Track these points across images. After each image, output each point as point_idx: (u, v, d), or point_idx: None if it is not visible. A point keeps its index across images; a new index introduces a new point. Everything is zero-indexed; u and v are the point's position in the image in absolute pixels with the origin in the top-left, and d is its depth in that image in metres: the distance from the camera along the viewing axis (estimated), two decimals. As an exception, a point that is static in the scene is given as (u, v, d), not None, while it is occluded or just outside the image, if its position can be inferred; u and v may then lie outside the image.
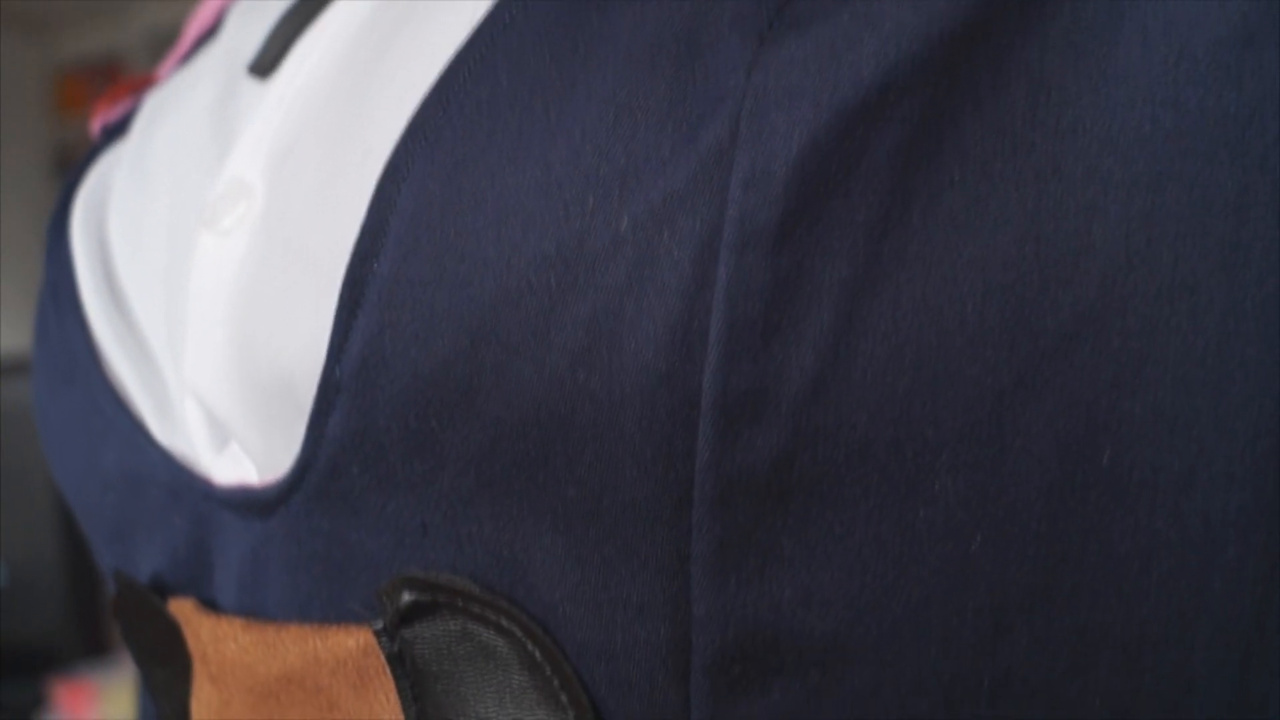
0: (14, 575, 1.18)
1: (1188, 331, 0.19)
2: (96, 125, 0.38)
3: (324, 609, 0.24)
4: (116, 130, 0.36)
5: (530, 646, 0.21)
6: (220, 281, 0.26)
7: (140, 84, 0.38)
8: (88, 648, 1.17)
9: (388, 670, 0.23)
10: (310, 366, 0.23)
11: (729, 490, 0.20)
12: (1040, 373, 0.19)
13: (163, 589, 0.30)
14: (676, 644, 0.21)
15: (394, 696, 0.23)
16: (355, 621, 0.24)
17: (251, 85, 0.30)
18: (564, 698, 0.21)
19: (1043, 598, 0.20)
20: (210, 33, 0.37)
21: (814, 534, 0.20)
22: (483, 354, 0.20)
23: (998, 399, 0.19)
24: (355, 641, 0.23)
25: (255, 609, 0.26)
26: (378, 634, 0.23)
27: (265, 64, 0.29)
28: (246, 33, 0.32)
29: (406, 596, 0.22)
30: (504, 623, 0.22)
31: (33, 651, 1.18)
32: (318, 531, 0.24)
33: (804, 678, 0.21)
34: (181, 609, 0.28)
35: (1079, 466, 0.20)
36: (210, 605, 0.28)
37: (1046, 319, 0.19)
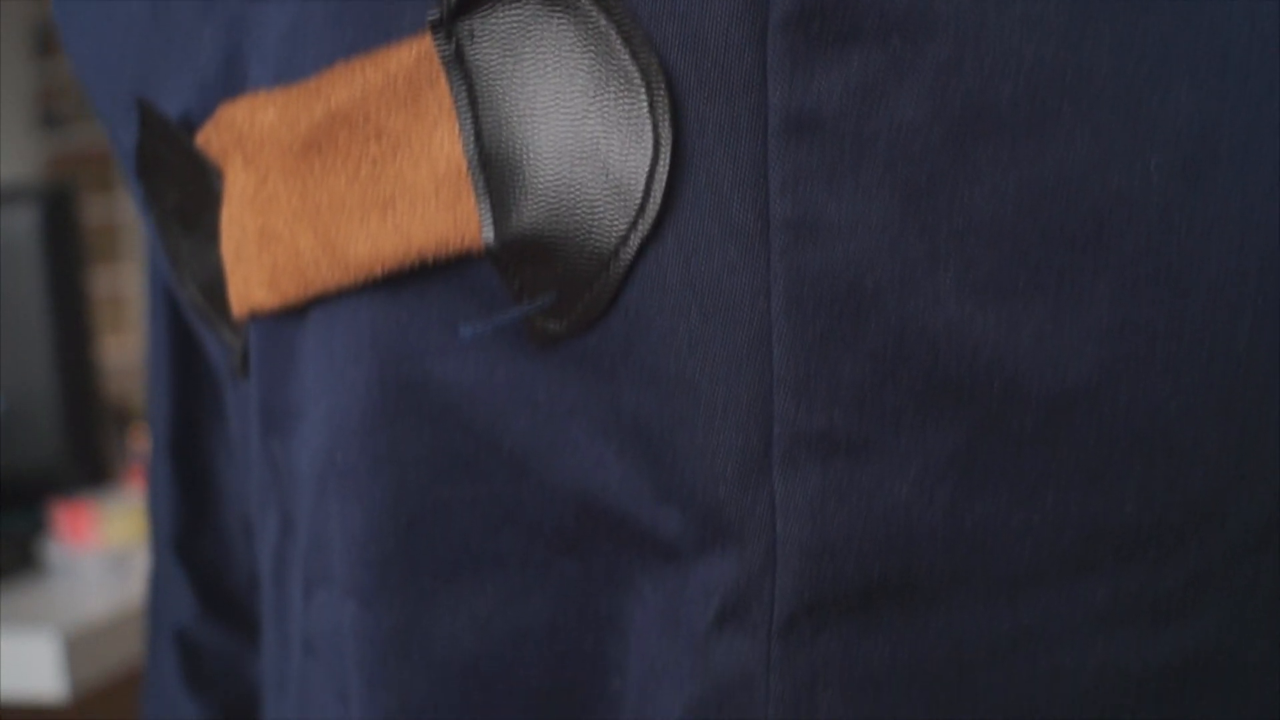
0: (11, 403, 1.17)
1: None
2: None
3: (371, 50, 0.23)
4: None
5: (596, 13, 0.20)
6: None
7: None
8: (86, 474, 1.17)
9: (444, 75, 0.22)
10: None
11: None
12: None
13: (191, 130, 0.29)
14: None
15: (448, 105, 0.22)
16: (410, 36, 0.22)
17: None
18: (633, 69, 0.20)
19: None
20: None
21: None
22: None
23: None
24: (409, 51, 0.22)
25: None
26: (434, 27, 0.21)
27: None
28: None
29: None
30: None
31: (32, 479, 1.17)
32: None
33: (884, 45, 0.20)
34: (208, 123, 0.27)
35: None
36: None
37: None
